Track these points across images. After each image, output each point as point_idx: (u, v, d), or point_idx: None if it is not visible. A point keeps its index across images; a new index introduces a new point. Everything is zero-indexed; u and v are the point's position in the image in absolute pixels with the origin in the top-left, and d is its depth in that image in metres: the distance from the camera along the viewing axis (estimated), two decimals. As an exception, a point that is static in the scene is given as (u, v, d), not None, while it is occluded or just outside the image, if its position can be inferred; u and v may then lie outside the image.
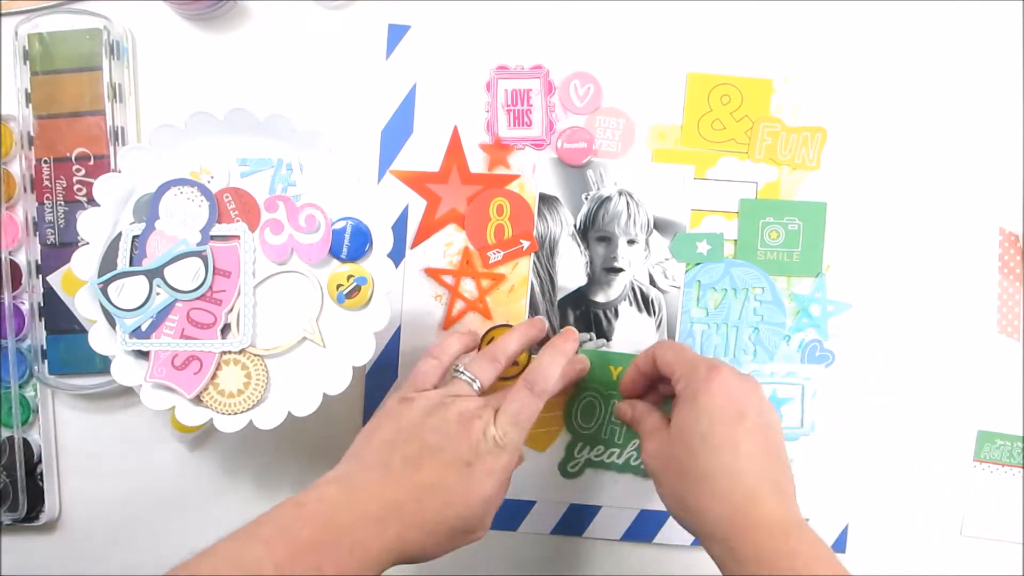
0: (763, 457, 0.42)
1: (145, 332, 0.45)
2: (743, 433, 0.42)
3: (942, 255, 0.56)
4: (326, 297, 0.46)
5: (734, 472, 0.42)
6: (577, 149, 0.55)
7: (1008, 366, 0.57)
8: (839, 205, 0.56)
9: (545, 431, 0.56)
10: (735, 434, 0.42)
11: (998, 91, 0.56)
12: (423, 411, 0.44)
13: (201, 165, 0.46)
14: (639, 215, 0.55)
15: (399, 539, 0.40)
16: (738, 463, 0.42)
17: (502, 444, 0.44)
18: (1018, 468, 0.57)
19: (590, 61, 0.55)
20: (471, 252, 0.55)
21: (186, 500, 0.56)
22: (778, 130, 0.55)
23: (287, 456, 0.56)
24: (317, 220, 0.46)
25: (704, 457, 0.42)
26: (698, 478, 0.42)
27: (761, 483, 0.41)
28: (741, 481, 0.41)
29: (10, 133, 0.54)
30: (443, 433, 0.43)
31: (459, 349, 0.50)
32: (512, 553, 0.57)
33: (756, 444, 0.42)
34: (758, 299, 0.56)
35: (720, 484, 0.42)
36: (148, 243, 0.46)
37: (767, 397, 0.45)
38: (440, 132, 0.55)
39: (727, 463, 0.42)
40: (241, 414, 0.45)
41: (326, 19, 0.55)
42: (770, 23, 0.55)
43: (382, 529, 0.40)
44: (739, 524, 0.41)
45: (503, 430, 0.44)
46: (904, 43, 0.56)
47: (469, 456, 0.43)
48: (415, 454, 0.42)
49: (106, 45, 0.52)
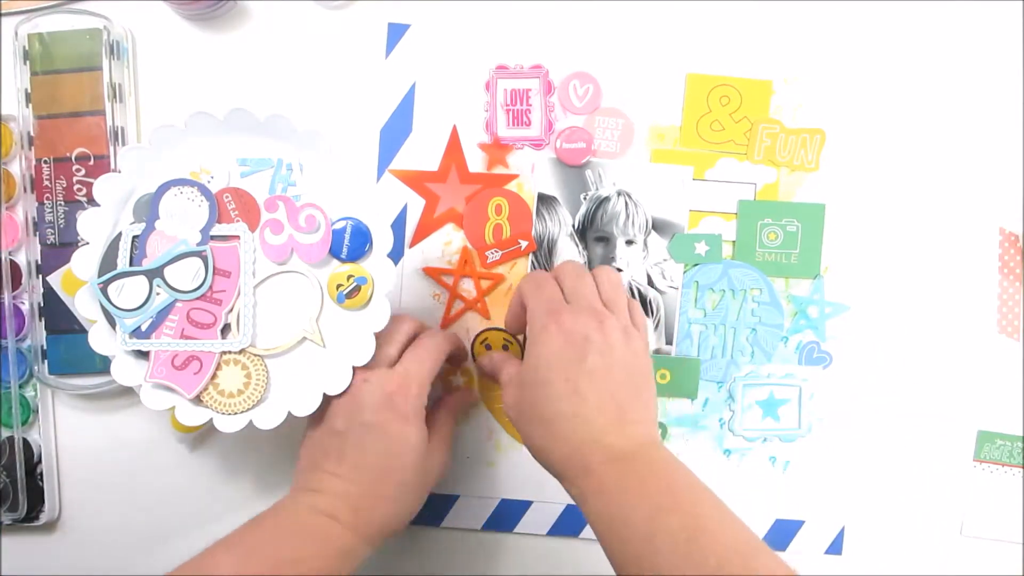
0: (604, 393, 0.43)
1: (145, 332, 0.45)
2: (581, 374, 0.43)
3: (942, 255, 0.56)
4: (326, 297, 0.46)
5: (574, 414, 0.43)
6: (576, 149, 0.55)
7: (1008, 366, 0.57)
8: (838, 207, 0.56)
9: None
10: (573, 376, 0.43)
11: (998, 91, 0.56)
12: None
13: (201, 165, 0.46)
14: (637, 215, 0.55)
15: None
16: (577, 405, 0.43)
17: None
18: (1018, 468, 0.57)
19: (589, 61, 0.55)
20: (470, 252, 0.55)
21: (186, 500, 0.56)
22: (777, 131, 0.55)
23: (287, 456, 0.56)
24: (317, 220, 0.46)
25: (546, 403, 0.44)
26: (544, 422, 0.44)
27: (601, 421, 0.43)
28: (581, 422, 0.43)
29: (10, 133, 0.54)
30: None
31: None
32: (509, 554, 0.57)
33: (595, 382, 0.43)
34: (756, 300, 0.56)
35: (561, 426, 0.43)
36: (148, 243, 0.46)
37: (622, 328, 0.45)
38: (439, 131, 0.55)
39: (567, 407, 0.43)
40: (241, 414, 0.45)
41: (326, 19, 0.55)
42: (770, 24, 0.55)
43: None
44: (581, 462, 0.42)
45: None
46: (904, 44, 0.56)
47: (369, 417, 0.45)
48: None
49: (106, 45, 0.53)
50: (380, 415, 0.45)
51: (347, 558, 0.44)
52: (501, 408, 0.56)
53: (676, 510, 0.39)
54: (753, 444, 0.56)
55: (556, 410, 0.43)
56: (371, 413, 0.45)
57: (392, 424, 0.45)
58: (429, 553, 0.57)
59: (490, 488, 0.56)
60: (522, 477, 0.56)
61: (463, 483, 0.56)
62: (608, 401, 0.43)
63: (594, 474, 0.42)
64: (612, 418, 0.43)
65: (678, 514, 0.39)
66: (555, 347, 0.44)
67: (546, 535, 0.57)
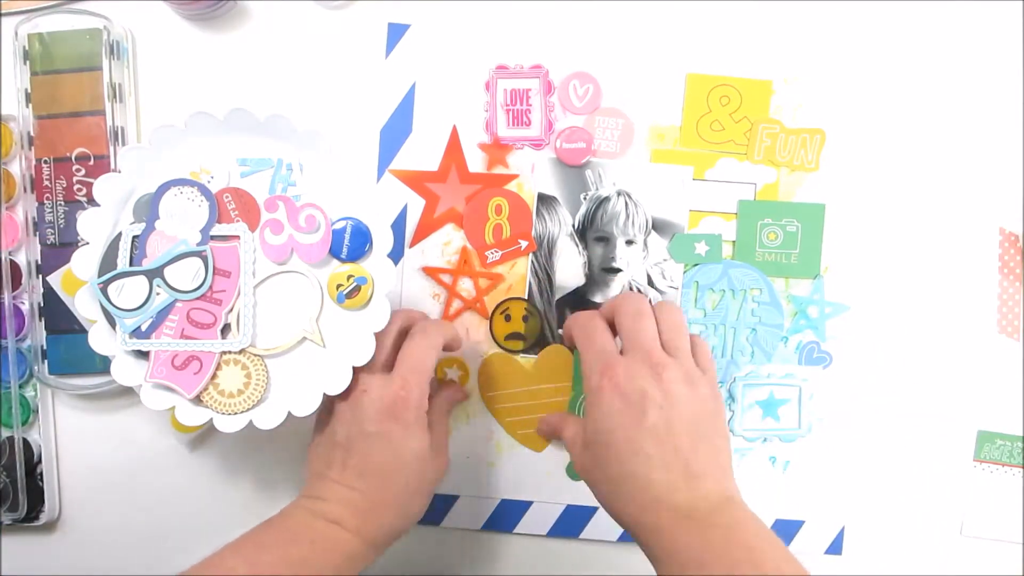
0: (668, 450, 0.42)
1: (145, 332, 0.45)
2: (642, 433, 0.42)
3: (942, 255, 0.56)
4: (326, 297, 0.46)
5: (639, 474, 0.42)
6: (576, 149, 0.55)
7: (1008, 366, 0.57)
8: (838, 207, 0.56)
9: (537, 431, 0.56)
10: (634, 436, 0.42)
11: (998, 91, 0.56)
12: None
13: (201, 165, 0.46)
14: (637, 215, 0.55)
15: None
16: (640, 466, 0.42)
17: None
18: (1018, 468, 0.57)
19: (589, 61, 0.55)
20: (469, 251, 0.55)
21: (186, 500, 0.56)
22: (777, 131, 0.55)
23: (287, 456, 0.56)
24: (317, 220, 0.46)
25: (611, 464, 0.43)
26: (610, 483, 0.43)
27: (667, 479, 0.42)
28: (646, 482, 0.42)
29: (10, 133, 0.54)
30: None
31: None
32: (509, 554, 0.57)
33: (658, 439, 0.42)
34: (756, 300, 0.56)
35: (628, 487, 0.42)
36: (148, 243, 0.46)
37: (685, 373, 0.44)
38: (439, 131, 0.55)
39: (630, 468, 0.42)
40: (241, 414, 0.45)
41: (326, 19, 0.55)
42: (770, 24, 0.55)
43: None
44: (650, 522, 0.42)
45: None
46: (903, 44, 0.56)
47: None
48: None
49: (106, 45, 0.53)
50: (382, 425, 0.45)
51: (353, 562, 0.44)
52: (501, 409, 0.56)
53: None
54: (753, 444, 0.56)
55: (620, 471, 0.43)
56: (372, 423, 0.45)
57: (394, 433, 0.45)
58: (429, 553, 0.57)
59: (490, 488, 0.56)
60: (522, 477, 0.56)
61: (463, 483, 0.56)
62: (672, 457, 0.42)
63: (665, 534, 0.41)
64: (678, 475, 0.42)
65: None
66: (613, 408, 0.43)
67: (546, 535, 0.57)
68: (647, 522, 0.42)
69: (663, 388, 0.43)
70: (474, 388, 0.56)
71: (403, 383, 0.45)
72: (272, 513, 0.46)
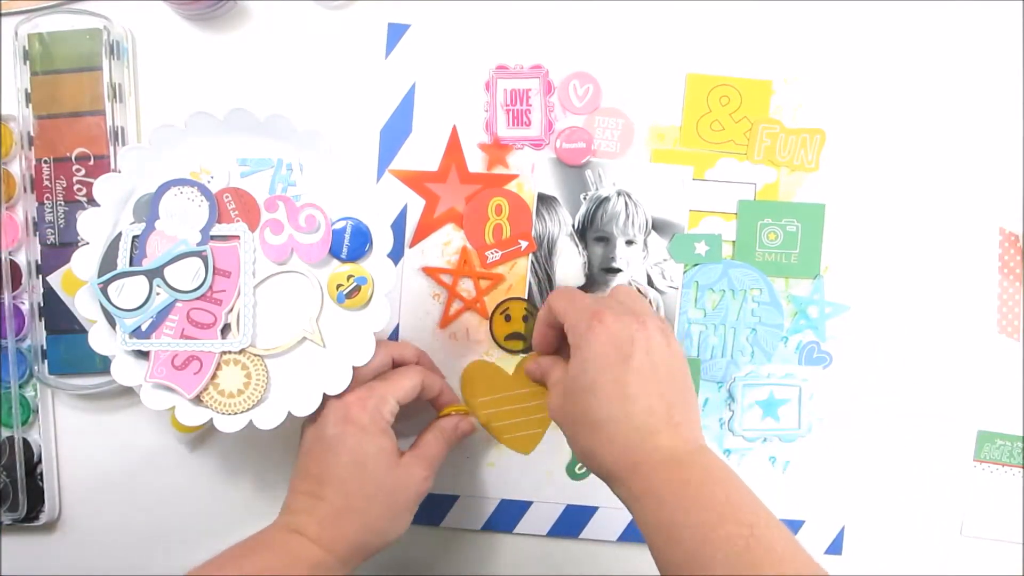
0: (652, 394, 0.43)
1: (145, 332, 0.45)
2: (629, 374, 0.43)
3: (942, 255, 0.56)
4: (326, 297, 0.46)
5: (622, 416, 0.43)
6: (576, 149, 0.55)
7: (1008, 366, 0.57)
8: (837, 207, 0.56)
9: (527, 434, 0.56)
10: (621, 377, 0.43)
11: (998, 91, 0.56)
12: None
13: (201, 165, 0.46)
14: (637, 216, 0.55)
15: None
16: (625, 406, 0.43)
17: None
18: (1018, 468, 0.57)
19: (589, 61, 0.55)
20: (469, 251, 0.55)
21: (186, 500, 0.56)
22: (777, 131, 0.55)
23: (287, 456, 0.56)
24: (317, 220, 0.46)
25: (594, 405, 0.43)
26: (592, 425, 0.44)
27: (650, 420, 0.42)
28: (630, 423, 0.43)
29: (10, 133, 0.54)
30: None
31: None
32: (509, 554, 0.57)
33: (643, 382, 0.43)
34: (756, 300, 0.56)
35: (610, 429, 0.43)
36: (148, 243, 0.46)
37: (661, 328, 0.45)
38: (439, 131, 0.55)
39: (615, 408, 0.43)
40: (241, 414, 0.45)
41: (326, 19, 0.55)
42: (770, 24, 0.55)
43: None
44: (631, 463, 0.42)
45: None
46: (903, 44, 0.56)
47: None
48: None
49: (106, 45, 0.53)
50: (338, 427, 0.45)
51: (318, 572, 0.43)
52: (486, 415, 0.56)
53: (732, 519, 0.39)
54: (753, 444, 0.56)
55: (606, 414, 0.43)
56: (331, 426, 0.45)
57: (349, 435, 0.45)
58: (429, 553, 0.57)
59: (490, 488, 0.56)
60: (522, 477, 0.56)
61: (463, 483, 0.56)
62: (656, 401, 0.43)
63: (645, 476, 0.42)
64: (661, 418, 0.43)
65: (734, 523, 0.39)
66: (601, 347, 0.44)
67: (546, 535, 0.57)
68: (628, 461, 0.42)
69: (647, 335, 0.44)
70: (453, 375, 0.56)
71: (367, 388, 0.46)
72: (272, 513, 0.46)
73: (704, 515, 0.39)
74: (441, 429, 0.51)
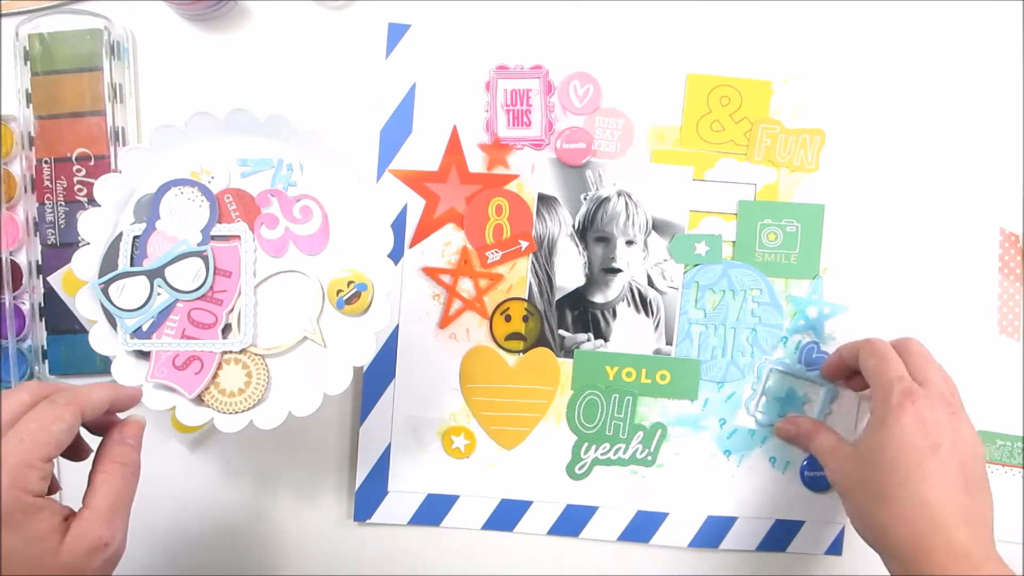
0: (954, 487, 0.43)
1: (146, 332, 0.45)
2: (934, 462, 0.43)
3: (942, 255, 0.56)
4: (326, 297, 0.46)
5: (921, 499, 0.43)
6: (576, 149, 0.55)
7: (1008, 366, 0.57)
8: (837, 207, 0.56)
9: (513, 430, 0.56)
10: (925, 463, 0.43)
11: (998, 91, 0.56)
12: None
13: (201, 165, 0.47)
14: (638, 216, 0.55)
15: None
16: (926, 491, 0.43)
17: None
18: (1018, 468, 0.57)
19: (590, 61, 0.55)
20: (469, 252, 0.55)
21: (186, 500, 0.56)
22: (777, 132, 0.55)
23: (287, 456, 0.56)
24: (312, 210, 0.46)
25: (892, 482, 0.44)
26: (884, 501, 0.44)
27: (949, 512, 0.42)
28: (928, 508, 0.42)
29: (11, 133, 0.54)
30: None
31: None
32: (509, 554, 0.57)
33: (947, 474, 0.43)
34: (756, 301, 0.56)
35: (906, 509, 0.43)
36: (149, 243, 0.46)
37: (967, 426, 0.45)
38: (439, 131, 0.55)
39: (915, 490, 0.43)
40: (241, 414, 0.45)
41: (326, 19, 0.55)
42: (770, 24, 0.55)
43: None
44: (922, 548, 0.42)
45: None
46: (903, 45, 0.56)
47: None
48: None
49: (106, 45, 0.53)
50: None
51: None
52: (479, 402, 0.55)
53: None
54: (753, 444, 0.56)
55: (904, 493, 0.43)
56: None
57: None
58: (429, 553, 0.57)
59: (490, 488, 0.56)
60: (522, 477, 0.56)
61: (463, 483, 0.56)
62: (958, 494, 0.43)
63: (936, 564, 0.41)
64: (959, 512, 0.42)
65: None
66: (909, 430, 0.44)
67: (546, 535, 0.57)
68: (920, 546, 0.42)
69: (954, 428, 0.44)
70: (453, 375, 0.56)
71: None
72: (272, 513, 0.46)
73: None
74: (116, 460, 0.39)
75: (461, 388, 0.56)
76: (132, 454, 0.40)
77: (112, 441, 0.40)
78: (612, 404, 0.55)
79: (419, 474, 0.56)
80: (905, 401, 0.45)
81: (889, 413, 0.45)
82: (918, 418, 0.44)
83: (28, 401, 0.37)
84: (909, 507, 0.43)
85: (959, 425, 0.45)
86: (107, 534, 0.37)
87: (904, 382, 0.46)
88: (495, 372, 0.55)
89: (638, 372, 0.56)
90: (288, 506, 0.56)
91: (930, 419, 0.44)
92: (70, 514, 0.37)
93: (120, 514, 0.38)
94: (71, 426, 0.37)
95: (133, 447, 0.40)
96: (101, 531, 0.37)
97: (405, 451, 0.56)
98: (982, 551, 0.42)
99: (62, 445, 0.37)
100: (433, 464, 0.56)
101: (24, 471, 0.35)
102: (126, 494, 0.39)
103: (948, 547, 0.42)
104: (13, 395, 0.37)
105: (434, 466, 0.56)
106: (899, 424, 0.44)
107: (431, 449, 0.56)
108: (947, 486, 0.43)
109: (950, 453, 0.44)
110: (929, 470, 0.43)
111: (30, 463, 0.35)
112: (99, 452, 0.40)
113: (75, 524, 0.37)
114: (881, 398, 0.46)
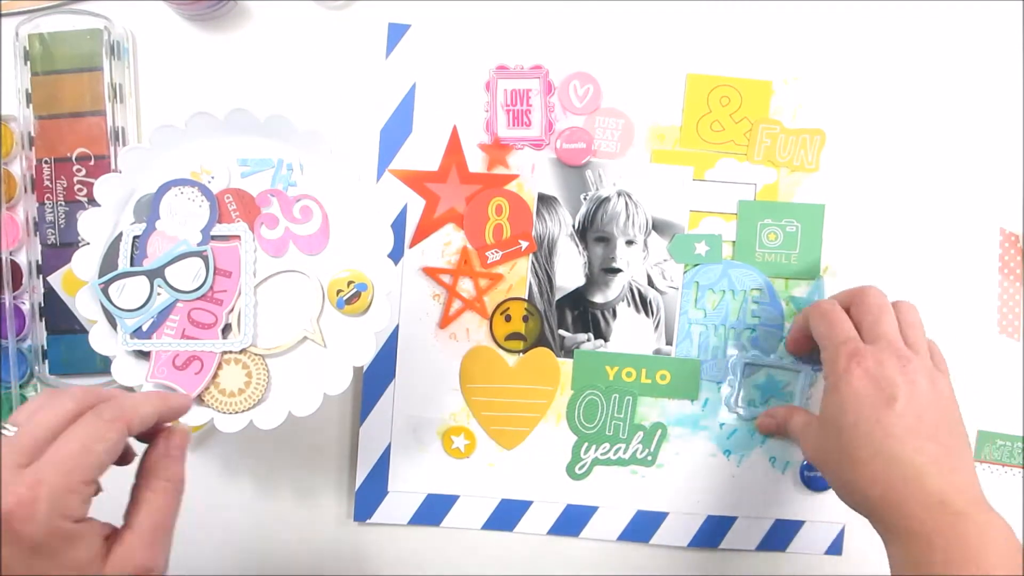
0: (920, 437, 0.42)
1: (146, 332, 0.45)
2: (892, 416, 0.42)
3: (942, 256, 0.57)
4: (326, 297, 0.46)
5: (887, 454, 0.42)
6: (576, 149, 0.55)
7: (1008, 366, 0.57)
8: (837, 207, 0.56)
9: (513, 430, 0.56)
10: (884, 418, 0.42)
11: (998, 91, 0.56)
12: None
13: (201, 165, 0.47)
14: (638, 216, 0.55)
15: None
16: (890, 446, 0.42)
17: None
18: (1018, 468, 0.57)
19: (590, 61, 0.55)
20: (469, 252, 0.55)
21: (186, 500, 0.56)
22: (777, 132, 0.55)
23: (287, 456, 0.56)
24: (312, 210, 0.46)
25: (857, 444, 0.43)
26: (854, 463, 0.43)
27: (919, 462, 0.41)
28: (896, 462, 0.42)
29: (11, 133, 0.54)
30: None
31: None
32: (509, 554, 0.57)
33: (908, 426, 0.42)
34: (756, 301, 0.56)
35: (875, 467, 0.42)
36: (149, 243, 0.46)
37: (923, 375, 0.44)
38: (439, 131, 0.55)
39: (878, 447, 0.42)
40: (241, 414, 0.46)
41: (326, 19, 0.55)
42: (770, 25, 0.55)
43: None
44: (895, 502, 0.41)
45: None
46: (903, 45, 0.56)
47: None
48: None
49: (106, 45, 0.53)
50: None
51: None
52: (479, 402, 0.55)
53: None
54: (753, 444, 0.56)
55: (869, 451, 0.42)
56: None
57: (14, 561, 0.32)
58: (429, 553, 0.57)
59: (490, 488, 0.56)
60: (522, 477, 0.56)
61: (463, 483, 0.56)
62: (926, 443, 0.42)
63: (911, 516, 0.41)
64: (928, 460, 0.41)
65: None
66: (860, 390, 0.44)
67: (546, 535, 0.57)
68: (893, 499, 0.41)
69: (908, 379, 0.43)
70: (453, 375, 0.56)
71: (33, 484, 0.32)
72: (271, 513, 0.46)
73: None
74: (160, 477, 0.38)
75: (461, 388, 0.56)
76: (178, 469, 0.38)
77: (158, 453, 0.38)
78: (612, 404, 0.55)
79: (419, 474, 0.56)
80: (851, 364, 0.44)
81: (840, 379, 0.45)
82: (868, 377, 0.44)
83: (73, 410, 0.34)
84: (877, 464, 0.42)
85: (914, 375, 0.44)
86: (150, 560, 0.35)
87: (849, 344, 0.45)
88: (495, 372, 0.56)
89: (638, 372, 0.56)
90: (288, 506, 0.56)
91: (880, 375, 0.43)
92: (111, 532, 0.35)
93: (164, 537, 0.37)
94: (116, 444, 0.35)
95: (178, 459, 0.38)
96: (144, 557, 0.35)
97: (405, 451, 0.56)
98: (961, 497, 0.41)
99: (105, 466, 0.35)
100: (433, 464, 0.56)
101: (64, 496, 0.33)
102: (170, 514, 0.37)
103: (923, 497, 0.41)
104: (57, 403, 0.34)
105: (434, 466, 0.56)
106: (850, 388, 0.44)
107: (431, 449, 0.56)
108: (911, 437, 0.42)
109: (907, 405, 0.43)
110: (890, 424, 0.42)
111: (71, 487, 0.33)
112: (144, 464, 0.38)
113: (116, 548, 0.35)
114: (831, 364, 0.46)
